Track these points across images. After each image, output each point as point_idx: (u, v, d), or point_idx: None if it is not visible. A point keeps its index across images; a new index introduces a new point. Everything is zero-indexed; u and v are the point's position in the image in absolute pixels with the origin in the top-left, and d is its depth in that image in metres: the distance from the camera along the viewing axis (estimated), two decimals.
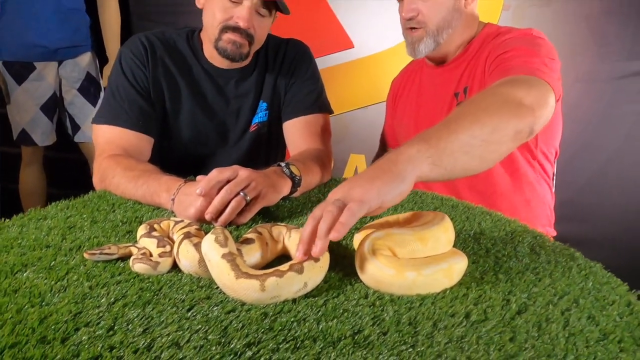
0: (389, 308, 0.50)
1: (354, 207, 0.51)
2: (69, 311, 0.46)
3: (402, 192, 0.55)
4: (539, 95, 0.74)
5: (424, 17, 1.03)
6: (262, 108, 1.09)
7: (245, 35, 0.96)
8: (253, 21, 0.95)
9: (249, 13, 0.94)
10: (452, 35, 1.05)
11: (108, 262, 0.58)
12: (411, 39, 1.07)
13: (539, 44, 0.92)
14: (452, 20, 1.04)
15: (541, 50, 0.90)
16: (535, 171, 1.07)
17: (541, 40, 0.95)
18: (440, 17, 1.03)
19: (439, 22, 1.03)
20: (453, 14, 1.03)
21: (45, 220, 0.71)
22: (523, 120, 0.66)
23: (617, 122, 1.79)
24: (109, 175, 0.85)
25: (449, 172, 0.59)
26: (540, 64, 0.84)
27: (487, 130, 0.61)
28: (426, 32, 1.04)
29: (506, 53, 0.92)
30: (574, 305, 0.52)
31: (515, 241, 0.70)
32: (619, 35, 1.73)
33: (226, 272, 0.50)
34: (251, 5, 0.93)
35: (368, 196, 0.52)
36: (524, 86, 0.75)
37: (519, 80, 0.80)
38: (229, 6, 0.94)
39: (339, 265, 0.58)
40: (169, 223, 0.66)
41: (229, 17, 0.95)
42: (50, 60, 1.85)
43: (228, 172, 0.72)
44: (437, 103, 1.11)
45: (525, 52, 0.89)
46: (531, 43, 0.92)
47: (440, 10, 1.02)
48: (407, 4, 1.04)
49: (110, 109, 0.97)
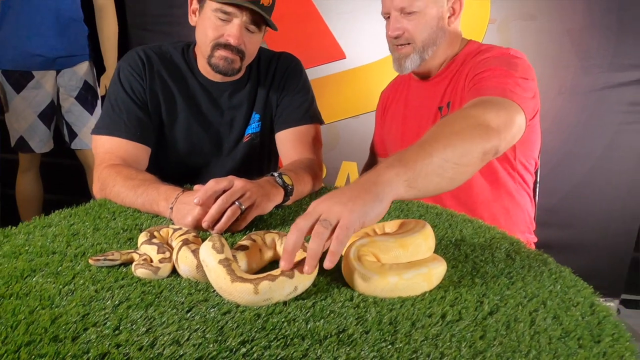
0: (372, 309, 0.54)
1: (340, 235, 0.55)
2: (77, 313, 0.50)
3: (380, 213, 0.59)
4: (507, 117, 0.80)
5: (410, 35, 1.08)
6: (255, 119, 1.13)
7: (237, 52, 1.00)
8: (243, 38, 0.99)
9: (239, 30, 0.98)
10: (436, 52, 1.10)
11: (111, 267, 0.62)
12: (398, 55, 1.12)
13: (515, 64, 0.97)
14: (436, 38, 1.09)
15: (517, 70, 0.94)
16: (515, 181, 1.13)
17: (518, 59, 1.00)
18: (426, 35, 1.08)
19: (424, 40, 1.08)
20: (437, 32, 1.08)
21: (49, 228, 0.74)
22: (489, 142, 0.71)
23: (599, 132, 1.86)
24: (109, 184, 0.89)
25: (422, 192, 0.64)
26: (513, 85, 0.89)
27: (457, 154, 0.66)
28: (413, 49, 1.09)
29: (483, 72, 0.96)
30: (542, 307, 0.57)
31: (493, 247, 0.75)
32: (601, 48, 1.80)
33: (222, 277, 0.54)
34: (241, 23, 0.98)
35: (351, 220, 0.56)
36: (493, 108, 0.80)
37: (490, 101, 0.85)
38: (220, 24, 0.98)
39: (327, 270, 0.62)
40: (168, 230, 0.70)
41: (220, 34, 0.99)
42: (49, 69, 1.89)
43: (224, 182, 0.77)
44: (422, 116, 1.16)
45: (500, 73, 0.94)
46: (507, 63, 0.97)
47: (425, 28, 1.07)
48: (393, 23, 1.09)
49: (110, 120, 1.01)
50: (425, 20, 1.07)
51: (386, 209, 0.60)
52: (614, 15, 1.78)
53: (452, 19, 1.10)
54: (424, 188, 0.64)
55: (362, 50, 1.98)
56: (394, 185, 0.60)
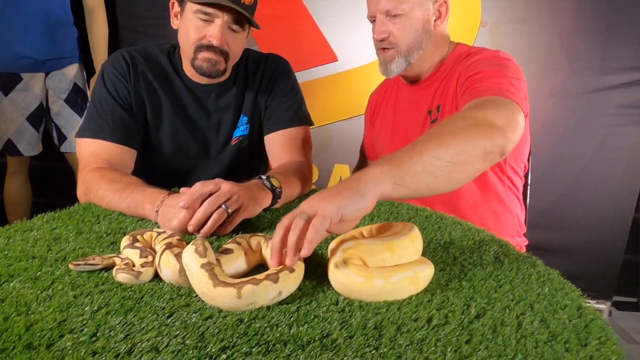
0: (357, 313, 0.53)
1: (317, 223, 0.55)
2: (54, 319, 0.49)
3: (362, 208, 0.58)
4: (509, 115, 0.78)
5: (395, 39, 1.07)
6: (243, 122, 1.12)
7: (220, 53, 0.99)
8: (226, 38, 0.98)
9: (221, 31, 0.97)
10: (423, 55, 1.10)
11: (92, 272, 0.60)
12: (383, 58, 1.11)
13: (505, 65, 0.97)
14: (422, 42, 1.08)
15: (508, 71, 0.95)
16: (505, 185, 1.12)
17: (508, 61, 1.00)
18: (411, 39, 1.07)
19: (409, 43, 1.07)
20: (423, 35, 1.08)
21: (31, 232, 0.73)
22: (493, 141, 0.69)
23: (590, 134, 1.87)
24: (94, 188, 0.88)
25: (413, 191, 0.62)
26: (508, 85, 0.89)
27: (452, 152, 0.64)
28: (397, 52, 1.08)
29: (475, 75, 0.96)
30: (529, 310, 0.56)
31: (482, 250, 0.75)
32: (590, 51, 1.82)
33: (205, 281, 0.53)
34: (222, 23, 0.97)
35: (328, 210, 0.56)
36: (494, 108, 0.79)
37: (489, 102, 0.84)
38: (201, 25, 0.97)
39: (313, 274, 0.62)
40: (152, 234, 0.69)
41: (202, 36, 0.98)
42: (38, 71, 1.86)
43: (211, 185, 0.76)
44: (412, 120, 1.15)
45: (493, 74, 0.94)
46: (498, 64, 0.97)
47: (410, 31, 1.07)
48: (378, 26, 1.08)
49: (94, 123, 1.00)
50: (411, 24, 1.06)
51: (369, 204, 0.59)
52: (603, 18, 1.79)
53: (438, 22, 1.09)
54: (414, 187, 0.62)
55: (354, 52, 1.98)
56: (378, 182, 0.59)
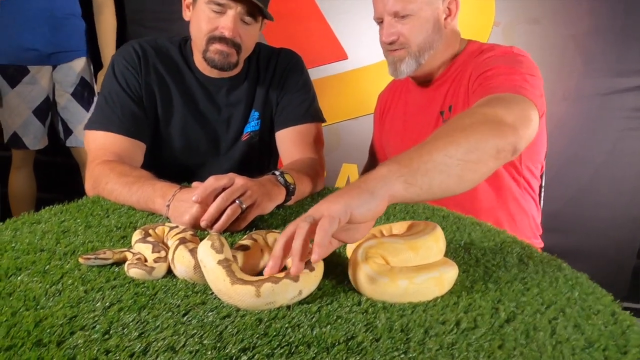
0: (381, 315, 0.50)
1: (324, 223, 0.51)
2: (64, 315, 0.46)
3: (372, 208, 0.54)
4: (521, 112, 0.75)
5: (405, 39, 1.03)
6: (254, 117, 1.10)
7: (232, 45, 0.96)
8: (239, 30, 0.96)
9: (234, 22, 0.94)
10: (433, 55, 1.05)
11: (103, 267, 0.58)
12: (392, 58, 1.06)
13: (520, 61, 0.93)
14: (433, 42, 1.04)
15: (522, 67, 0.91)
16: (520, 186, 1.09)
17: (522, 57, 0.96)
18: (421, 39, 1.03)
19: (420, 44, 1.03)
20: (433, 35, 1.03)
21: (39, 225, 0.70)
22: (504, 139, 0.66)
23: (603, 137, 1.84)
24: (103, 182, 0.85)
25: (425, 191, 0.58)
26: (521, 81, 0.86)
27: (463, 150, 0.61)
28: (408, 53, 1.04)
29: (488, 71, 0.93)
30: (561, 315, 0.54)
31: (504, 252, 0.72)
32: (605, 53, 1.78)
33: (222, 278, 0.51)
34: (235, 14, 0.94)
35: (335, 209, 0.52)
36: (505, 104, 0.76)
37: (501, 98, 0.80)
38: (214, 17, 0.95)
39: (332, 273, 0.59)
40: (164, 229, 0.66)
41: (214, 27, 0.95)
42: (45, 64, 1.84)
43: (224, 179, 0.73)
44: (423, 122, 1.11)
45: (506, 70, 0.90)
46: (512, 60, 0.94)
47: (421, 31, 1.02)
48: (386, 28, 1.03)
49: (103, 115, 0.98)
50: (420, 23, 1.02)
51: (380, 205, 0.55)
52: (618, 20, 1.76)
53: (448, 19, 1.05)
54: (426, 186, 0.58)
55: (364, 50, 1.95)
56: (388, 181, 0.55)
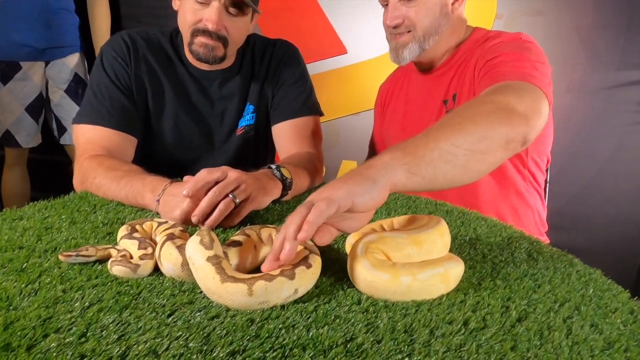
0: (383, 314, 0.47)
1: (322, 205, 0.48)
2: (38, 316, 0.43)
3: (374, 197, 0.51)
4: (532, 102, 0.71)
5: (410, 22, 0.99)
6: (249, 111, 1.06)
7: (217, 38, 0.92)
8: (224, 22, 0.91)
9: (217, 14, 0.90)
10: (438, 41, 1.01)
11: (85, 264, 0.54)
12: (395, 44, 1.03)
13: (528, 48, 0.90)
14: (439, 26, 1.00)
15: (531, 55, 0.87)
16: (525, 179, 1.05)
17: (530, 44, 0.93)
18: (427, 22, 0.99)
19: (426, 28, 0.99)
20: (440, 19, 1.00)
21: (20, 221, 0.67)
22: (515, 128, 0.63)
23: (608, 132, 1.80)
24: (90, 176, 0.82)
25: (428, 181, 0.56)
26: (531, 69, 0.82)
27: (471, 139, 0.58)
28: (413, 37, 1.00)
29: (495, 58, 0.89)
30: (576, 313, 0.50)
31: (512, 247, 0.68)
32: (610, 46, 1.75)
33: (211, 276, 0.47)
34: (219, 5, 0.90)
35: (337, 194, 0.49)
36: (515, 93, 0.72)
37: (510, 86, 0.77)
38: (198, 8, 0.91)
39: (330, 269, 0.56)
40: (152, 224, 0.62)
41: (198, 19, 0.91)
42: (37, 60, 1.80)
43: (217, 172, 0.69)
44: (426, 110, 1.08)
45: (515, 57, 0.86)
46: (520, 47, 0.90)
47: (428, 15, 0.99)
48: (391, 11, 1.00)
49: (92, 108, 0.94)
50: (427, 7, 0.98)
51: (382, 193, 0.52)
52: (624, 12, 1.72)
53: (455, 4, 1.01)
54: (430, 176, 0.55)
55: (363, 45, 1.91)
56: (390, 169, 0.53)
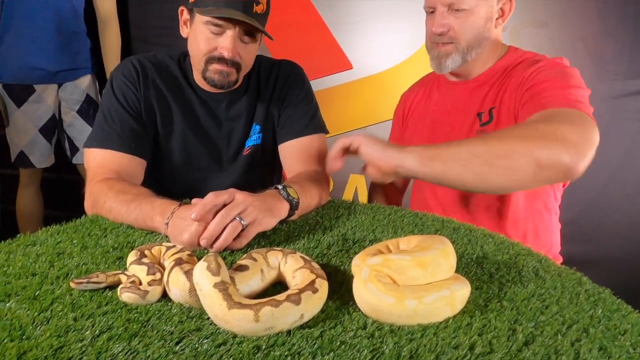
0: (388, 340, 0.47)
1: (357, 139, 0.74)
2: (50, 345, 0.44)
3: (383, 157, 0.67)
4: (584, 131, 0.74)
5: (455, 33, 1.00)
6: (256, 131, 1.08)
7: (232, 64, 0.95)
8: (237, 49, 0.94)
9: (232, 42, 0.92)
10: (480, 54, 1.03)
11: (95, 291, 0.55)
12: (438, 53, 1.04)
13: (571, 74, 0.91)
14: (482, 40, 1.01)
15: (574, 80, 0.88)
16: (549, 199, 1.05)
17: (572, 70, 0.93)
18: (472, 35, 1.00)
19: (470, 40, 1.00)
20: (484, 33, 1.01)
21: (34, 247, 0.68)
22: (557, 155, 0.69)
23: (616, 141, 1.78)
24: (101, 200, 0.83)
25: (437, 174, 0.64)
26: (578, 96, 0.84)
27: (492, 153, 0.62)
28: (455, 48, 1.01)
29: (539, 84, 0.89)
30: (584, 335, 0.49)
31: (519, 265, 0.68)
32: (616, 55, 1.74)
33: (218, 302, 0.48)
34: (234, 34, 0.92)
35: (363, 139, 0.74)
36: (565, 121, 0.75)
37: (559, 114, 0.79)
38: (212, 37, 0.93)
39: (336, 293, 0.56)
40: (160, 249, 0.64)
41: (213, 47, 0.94)
42: (50, 82, 1.86)
43: (224, 195, 0.71)
44: (457, 120, 1.08)
45: (562, 84, 0.87)
46: (563, 73, 0.91)
47: (473, 27, 1.00)
48: (438, 19, 1.00)
49: (102, 132, 0.96)
50: (474, 19, 0.99)
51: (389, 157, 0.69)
52: (629, 21, 1.71)
53: (499, 20, 1.02)
54: (439, 171, 0.65)
55: (369, 60, 1.93)
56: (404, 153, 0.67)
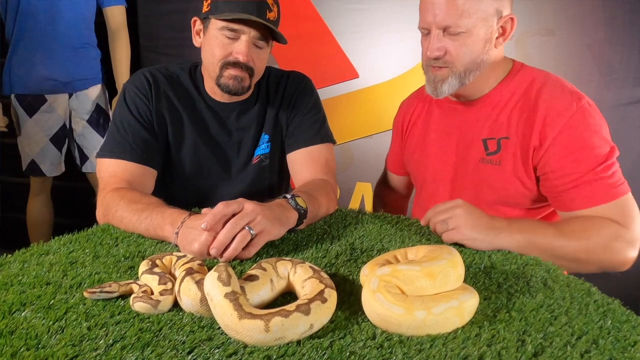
0: (397, 350, 0.47)
1: None
2: (65, 354, 0.45)
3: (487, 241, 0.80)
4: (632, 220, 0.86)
5: (451, 57, 0.93)
6: (264, 140, 1.09)
7: (246, 69, 0.97)
8: (252, 54, 0.96)
9: (247, 47, 0.95)
10: (479, 76, 0.96)
11: (108, 300, 0.56)
12: (434, 77, 0.96)
13: (595, 131, 0.90)
14: (480, 63, 0.94)
15: (601, 140, 0.90)
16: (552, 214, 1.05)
17: (592, 119, 0.91)
18: (470, 59, 0.93)
19: (467, 64, 0.93)
20: (483, 56, 0.93)
21: (47, 256, 0.70)
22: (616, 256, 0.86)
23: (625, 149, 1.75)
24: (113, 209, 0.85)
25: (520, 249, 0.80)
26: (611, 177, 0.88)
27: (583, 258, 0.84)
28: (452, 72, 0.94)
29: (572, 174, 0.89)
30: (594, 347, 0.49)
31: (528, 275, 0.68)
32: (623, 62, 1.74)
33: (229, 313, 0.48)
34: (249, 39, 0.95)
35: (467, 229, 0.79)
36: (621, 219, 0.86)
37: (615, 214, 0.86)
38: (227, 42, 0.95)
39: (345, 303, 0.56)
40: (172, 258, 0.65)
41: (228, 53, 0.96)
42: (61, 92, 1.89)
43: (234, 205, 0.72)
44: (460, 143, 1.03)
45: (594, 174, 0.88)
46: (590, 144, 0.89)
47: (471, 51, 0.92)
48: (433, 42, 0.92)
49: (115, 142, 0.98)
50: (471, 42, 0.91)
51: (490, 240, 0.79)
52: (636, 29, 1.72)
53: (500, 39, 0.94)
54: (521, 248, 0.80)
55: (375, 69, 1.95)
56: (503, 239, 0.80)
